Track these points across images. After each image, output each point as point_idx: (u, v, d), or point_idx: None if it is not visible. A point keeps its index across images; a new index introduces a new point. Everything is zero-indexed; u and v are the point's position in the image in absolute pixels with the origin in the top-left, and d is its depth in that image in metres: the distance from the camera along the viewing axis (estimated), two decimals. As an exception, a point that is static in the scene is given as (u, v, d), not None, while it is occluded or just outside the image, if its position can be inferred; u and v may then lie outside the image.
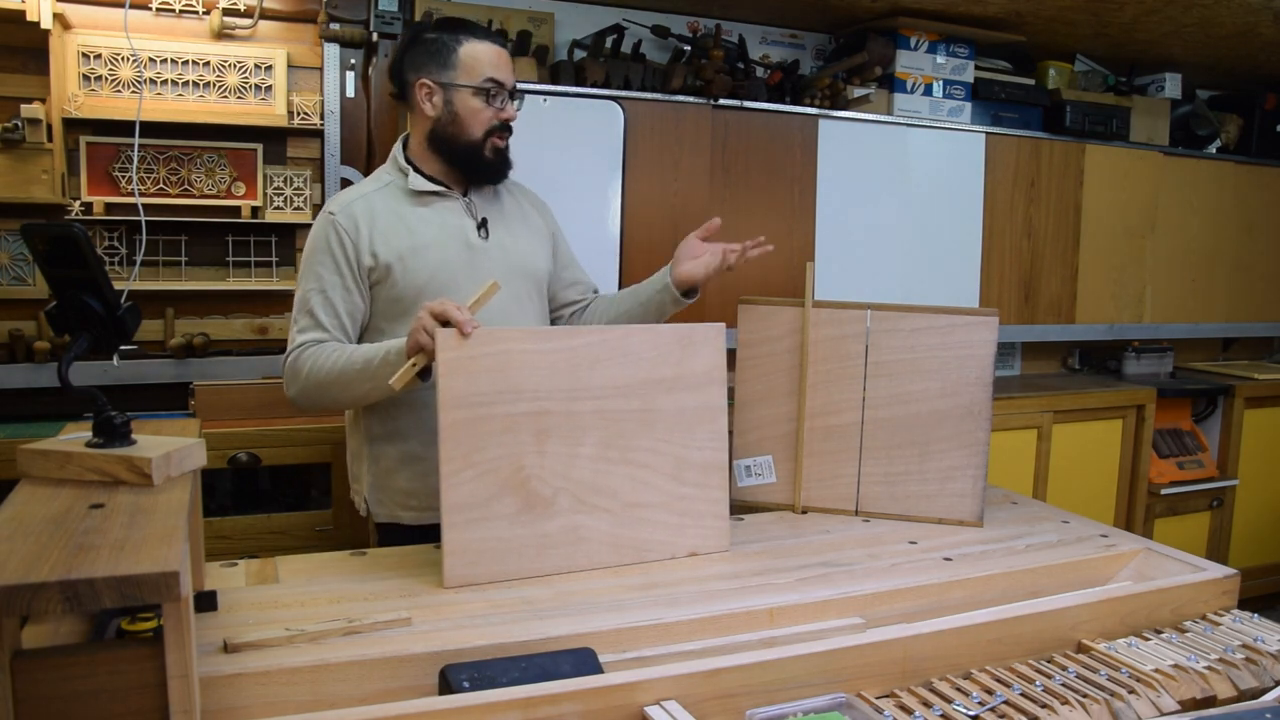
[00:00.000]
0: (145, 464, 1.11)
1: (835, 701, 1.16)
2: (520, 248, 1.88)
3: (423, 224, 1.79)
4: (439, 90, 1.78)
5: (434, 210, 1.81)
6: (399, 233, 1.77)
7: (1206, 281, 3.95)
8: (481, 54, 1.77)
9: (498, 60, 1.79)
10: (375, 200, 1.80)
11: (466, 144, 1.79)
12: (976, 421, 1.81)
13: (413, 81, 1.80)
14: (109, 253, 2.78)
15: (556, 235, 2.01)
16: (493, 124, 1.79)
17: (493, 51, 1.79)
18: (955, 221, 3.38)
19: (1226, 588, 1.52)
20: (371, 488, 1.85)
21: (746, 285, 3.02)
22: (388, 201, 1.80)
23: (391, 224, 1.77)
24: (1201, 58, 3.75)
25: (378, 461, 1.83)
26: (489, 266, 1.80)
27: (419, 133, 1.83)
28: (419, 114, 1.81)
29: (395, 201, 1.80)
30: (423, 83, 1.78)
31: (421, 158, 1.84)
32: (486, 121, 1.78)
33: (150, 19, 2.77)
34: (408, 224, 1.78)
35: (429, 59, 1.78)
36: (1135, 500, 3.56)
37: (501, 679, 1.11)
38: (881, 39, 3.26)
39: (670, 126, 2.87)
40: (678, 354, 1.60)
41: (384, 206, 1.79)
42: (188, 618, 0.91)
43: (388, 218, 1.78)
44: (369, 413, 1.83)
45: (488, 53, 1.78)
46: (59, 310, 1.20)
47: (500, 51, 1.80)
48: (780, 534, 1.74)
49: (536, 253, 1.91)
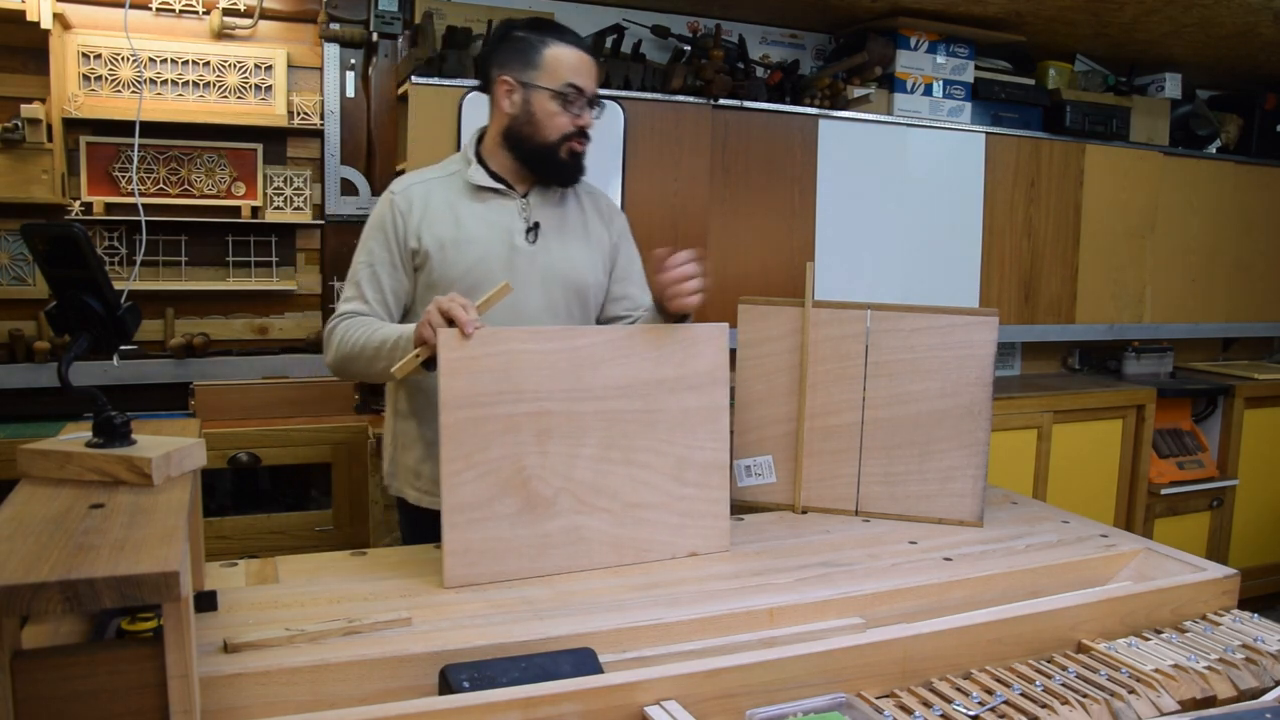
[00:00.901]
0: (145, 464, 1.11)
1: (835, 701, 1.16)
2: (568, 256, 1.85)
3: (472, 218, 1.81)
4: (519, 89, 1.79)
5: (487, 207, 1.82)
6: (447, 222, 1.79)
7: (1206, 281, 3.95)
8: (565, 58, 1.77)
9: (580, 67, 1.78)
10: (434, 187, 1.83)
11: (540, 145, 1.80)
12: (976, 421, 1.81)
13: (495, 77, 1.81)
14: (109, 253, 2.78)
15: (619, 248, 1.97)
16: (568, 129, 1.79)
17: (577, 57, 1.78)
18: (955, 221, 3.38)
19: (1226, 588, 1.52)
20: (390, 460, 1.94)
21: (747, 285, 3.03)
22: (446, 190, 1.83)
23: (442, 212, 1.80)
24: (1201, 58, 3.75)
25: (398, 436, 1.90)
26: (528, 270, 1.80)
27: (495, 128, 1.85)
28: (498, 109, 1.83)
29: (453, 192, 1.83)
30: (504, 79, 1.79)
31: (492, 153, 1.85)
32: (562, 126, 1.78)
33: (150, 19, 2.77)
34: (457, 215, 1.80)
35: (514, 56, 1.79)
36: (1135, 500, 3.56)
37: (501, 679, 1.11)
38: (881, 39, 3.26)
39: (670, 126, 2.87)
40: (680, 354, 1.60)
41: (441, 194, 1.82)
42: (188, 618, 0.91)
43: (440, 206, 1.81)
44: (397, 389, 1.90)
45: (571, 57, 1.77)
46: (59, 310, 1.20)
47: (585, 58, 1.79)
48: (780, 534, 1.74)
49: (585, 263, 1.88)
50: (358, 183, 2.99)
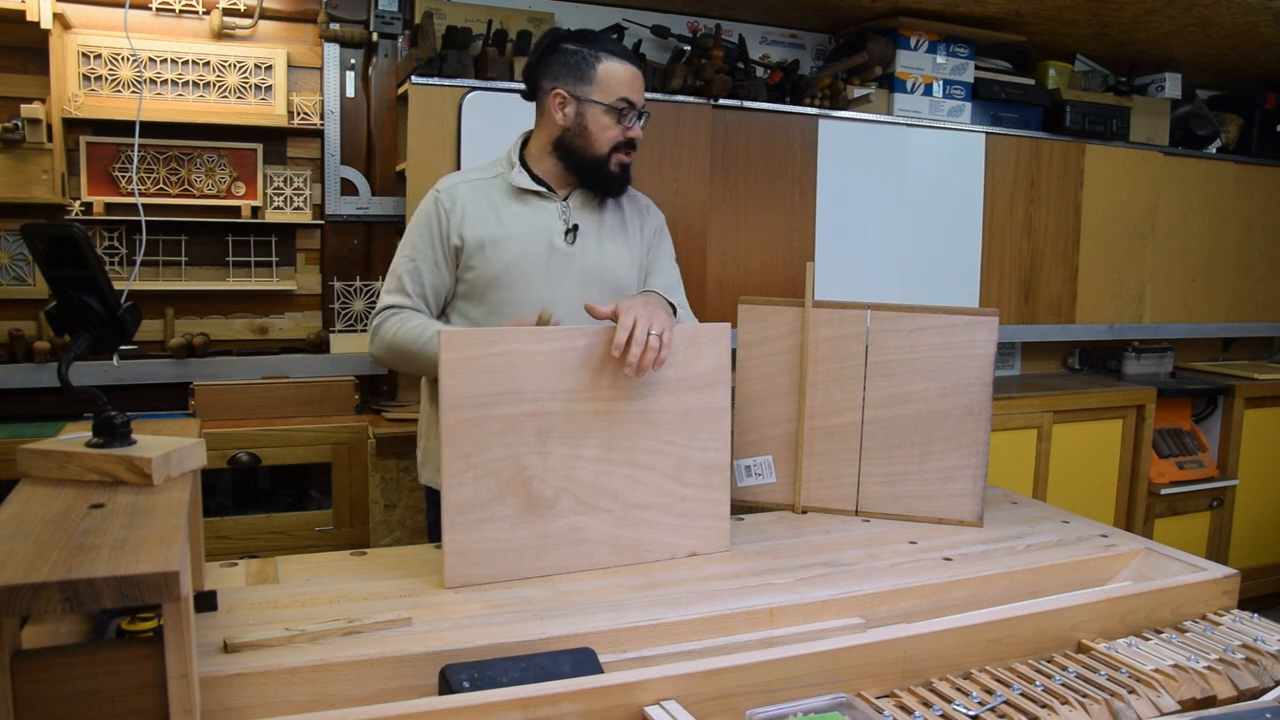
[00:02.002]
0: (145, 464, 1.11)
1: (835, 701, 1.16)
2: (605, 257, 1.90)
3: (514, 218, 1.86)
4: (572, 102, 1.83)
5: (529, 208, 1.87)
6: (489, 221, 1.84)
7: (1206, 281, 3.95)
8: (618, 74, 1.82)
9: (632, 81, 1.84)
10: (479, 187, 1.88)
11: (591, 157, 1.85)
12: (976, 421, 1.81)
13: (548, 89, 1.85)
14: (109, 253, 2.78)
15: (654, 247, 2.02)
16: (618, 141, 1.84)
17: (629, 73, 1.84)
18: (955, 221, 3.38)
19: (1226, 588, 1.52)
20: (422, 450, 2.00)
21: (747, 285, 3.03)
22: (489, 191, 1.88)
23: (485, 211, 1.85)
24: (1201, 58, 3.75)
25: (432, 425, 1.95)
26: (567, 270, 1.86)
27: (544, 135, 1.89)
28: (548, 119, 1.87)
29: (496, 192, 1.88)
30: (558, 92, 1.84)
31: (537, 158, 1.90)
32: (613, 139, 1.84)
33: (150, 19, 2.77)
34: (499, 214, 1.85)
35: (567, 70, 1.83)
36: (1135, 500, 3.56)
37: (501, 679, 1.11)
38: (881, 39, 3.26)
39: (670, 126, 2.87)
40: (682, 354, 1.60)
41: (484, 194, 1.87)
42: (188, 618, 0.91)
43: (483, 205, 1.86)
44: (430, 379, 1.96)
45: (624, 74, 1.83)
46: (59, 310, 1.20)
47: (635, 73, 1.85)
48: (780, 534, 1.74)
49: (623, 263, 1.93)
50: (358, 183, 2.99)
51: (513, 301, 1.84)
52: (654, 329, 1.51)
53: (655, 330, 1.51)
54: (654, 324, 1.51)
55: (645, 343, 1.50)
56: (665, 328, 1.53)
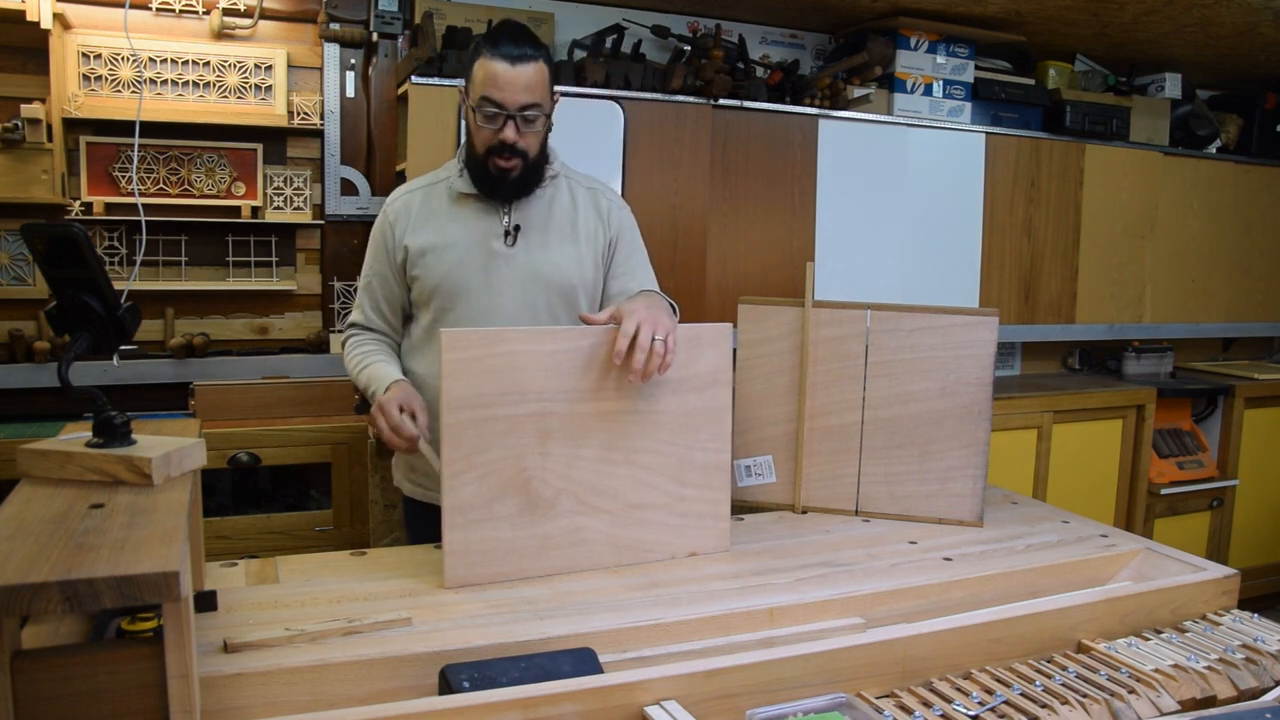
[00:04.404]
0: (145, 464, 1.11)
1: (835, 701, 1.16)
2: (549, 257, 1.83)
3: (453, 223, 1.83)
4: (464, 99, 1.81)
5: (468, 211, 1.84)
6: (429, 229, 1.83)
7: (1206, 281, 3.95)
8: (488, 73, 1.70)
9: (501, 78, 1.69)
10: (421, 195, 1.87)
11: (474, 158, 1.80)
12: (976, 421, 1.81)
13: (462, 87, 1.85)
14: (109, 253, 2.78)
15: (617, 244, 1.91)
16: (490, 143, 1.74)
17: (499, 69, 1.69)
18: (955, 221, 3.38)
19: (1226, 588, 1.52)
20: (396, 454, 2.00)
21: (747, 285, 3.03)
22: (431, 198, 1.86)
23: (426, 219, 1.84)
24: (1201, 58, 3.75)
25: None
26: (506, 273, 1.82)
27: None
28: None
29: (437, 199, 1.86)
30: (460, 89, 1.84)
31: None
32: (485, 141, 1.75)
33: (150, 19, 2.77)
34: (439, 222, 1.83)
35: (465, 67, 1.81)
36: (1135, 500, 3.56)
37: (501, 679, 1.11)
38: (881, 39, 3.26)
39: (670, 126, 2.87)
40: (683, 354, 1.59)
41: (426, 202, 1.86)
42: (188, 618, 0.91)
43: (424, 213, 1.84)
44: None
45: (488, 71, 1.70)
46: (59, 310, 1.20)
47: (509, 70, 1.69)
48: (780, 534, 1.74)
49: (570, 263, 1.85)
50: (357, 183, 2.99)
51: (455, 309, 1.80)
52: (658, 333, 1.49)
53: (659, 335, 1.49)
54: (658, 328, 1.50)
55: (650, 348, 1.48)
56: (669, 331, 1.51)
